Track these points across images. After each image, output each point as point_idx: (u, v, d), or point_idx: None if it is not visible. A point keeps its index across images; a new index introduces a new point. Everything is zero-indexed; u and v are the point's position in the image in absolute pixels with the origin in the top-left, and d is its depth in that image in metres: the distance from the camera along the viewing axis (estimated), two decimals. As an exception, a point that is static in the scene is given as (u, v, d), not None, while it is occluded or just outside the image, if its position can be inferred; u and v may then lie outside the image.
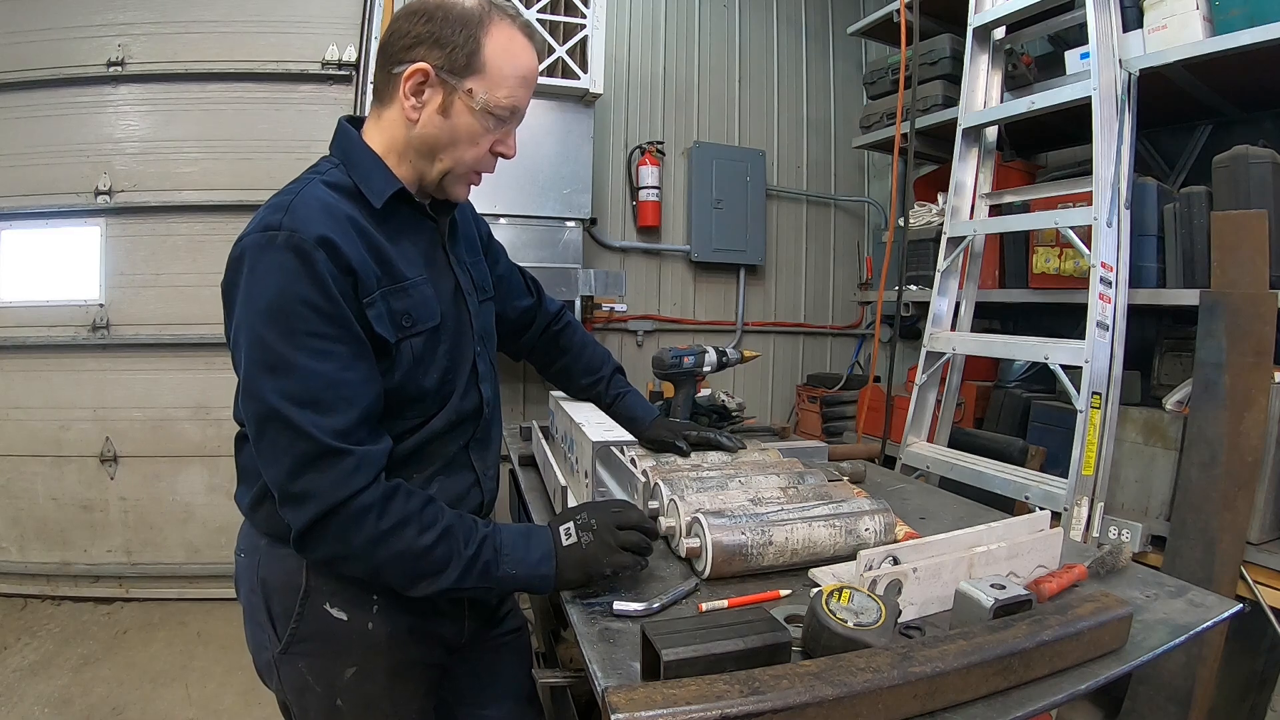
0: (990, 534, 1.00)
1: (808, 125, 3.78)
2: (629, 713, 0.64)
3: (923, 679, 0.70)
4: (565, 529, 0.97)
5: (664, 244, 3.48)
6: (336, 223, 0.91)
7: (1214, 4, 1.91)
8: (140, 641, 2.73)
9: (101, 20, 2.92)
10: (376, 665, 1.04)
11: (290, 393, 0.86)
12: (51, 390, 3.02)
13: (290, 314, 0.86)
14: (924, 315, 2.51)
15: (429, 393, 1.03)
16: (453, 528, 0.93)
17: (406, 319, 0.98)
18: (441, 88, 0.96)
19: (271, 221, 0.89)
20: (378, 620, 1.02)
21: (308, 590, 1.00)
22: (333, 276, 0.88)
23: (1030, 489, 2.01)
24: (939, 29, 2.83)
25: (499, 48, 0.96)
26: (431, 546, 0.90)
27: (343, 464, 0.87)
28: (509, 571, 0.95)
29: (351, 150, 1.01)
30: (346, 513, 0.87)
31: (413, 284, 0.99)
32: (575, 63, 2.68)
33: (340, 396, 0.88)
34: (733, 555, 1.00)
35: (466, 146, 0.99)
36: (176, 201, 2.99)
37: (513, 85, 0.98)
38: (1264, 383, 1.74)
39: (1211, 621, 0.94)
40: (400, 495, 0.91)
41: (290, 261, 0.86)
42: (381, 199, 0.98)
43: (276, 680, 1.05)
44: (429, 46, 0.94)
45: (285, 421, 0.86)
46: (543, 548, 0.96)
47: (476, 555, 0.93)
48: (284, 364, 0.86)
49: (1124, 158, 1.99)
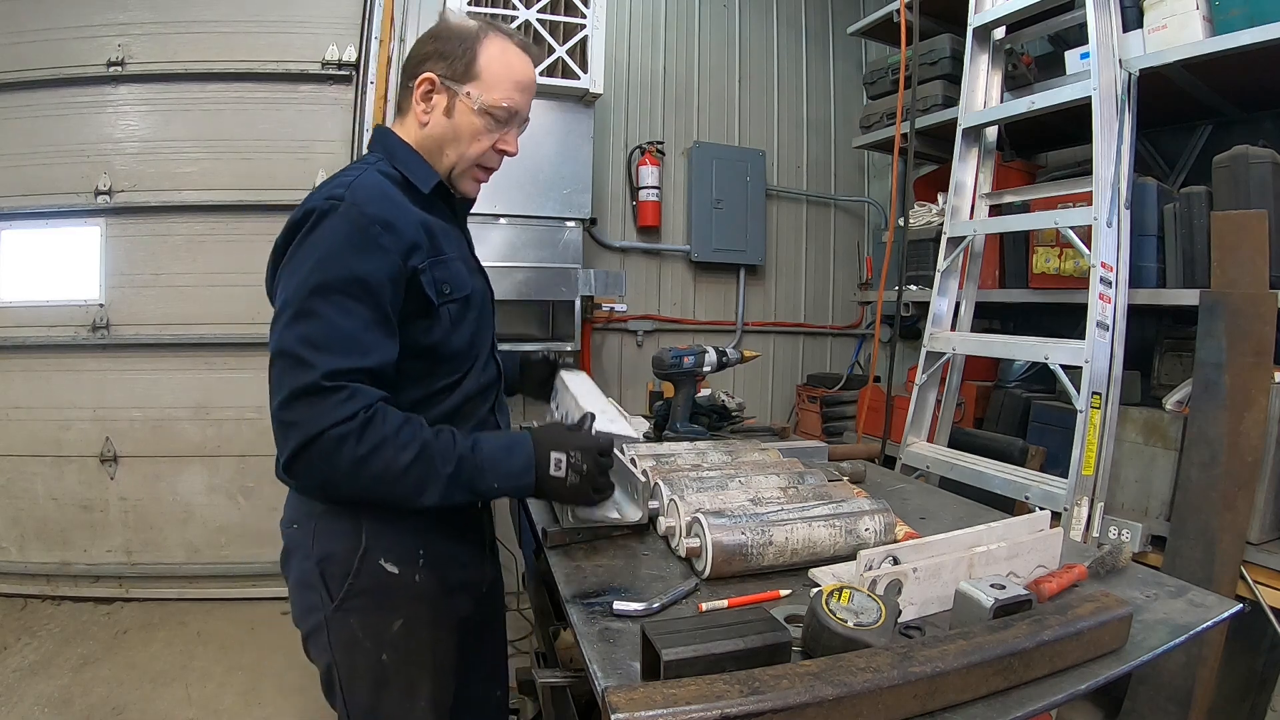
0: (990, 534, 1.00)
1: (808, 125, 3.78)
2: (629, 713, 0.64)
3: (923, 679, 0.70)
4: (556, 459, 1.05)
5: (664, 244, 3.48)
6: (393, 204, 1.05)
7: (1214, 4, 1.91)
8: (140, 641, 2.73)
9: (101, 20, 2.92)
10: (420, 618, 1.14)
11: (307, 336, 0.96)
12: (51, 390, 3.02)
13: (330, 275, 0.98)
14: (924, 315, 2.51)
15: (461, 352, 1.16)
16: (429, 446, 1.00)
17: (446, 286, 1.12)
18: (445, 93, 1.13)
19: (336, 194, 1.02)
20: (424, 573, 1.13)
21: (366, 547, 1.09)
22: (382, 249, 1.00)
23: (1030, 489, 2.01)
24: (939, 29, 2.83)
25: (492, 57, 1.12)
26: (409, 466, 0.98)
27: (332, 398, 0.95)
28: (492, 484, 1.04)
29: (394, 148, 1.16)
30: (328, 439, 0.94)
31: (450, 259, 1.14)
32: (575, 63, 2.68)
33: (351, 348, 0.98)
34: (733, 555, 1.00)
35: (469, 142, 1.14)
36: (176, 201, 2.98)
37: (507, 88, 1.13)
38: (1264, 383, 1.74)
39: (1211, 621, 0.94)
40: (377, 419, 0.97)
41: (345, 229, 0.99)
42: (429, 185, 1.15)
43: (325, 640, 1.11)
44: (435, 60, 1.12)
45: (295, 358, 0.96)
46: (524, 458, 1.06)
47: (457, 473, 1.01)
48: (311, 313, 0.97)
49: (1124, 158, 1.99)
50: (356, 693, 1.12)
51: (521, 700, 2.22)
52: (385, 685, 1.11)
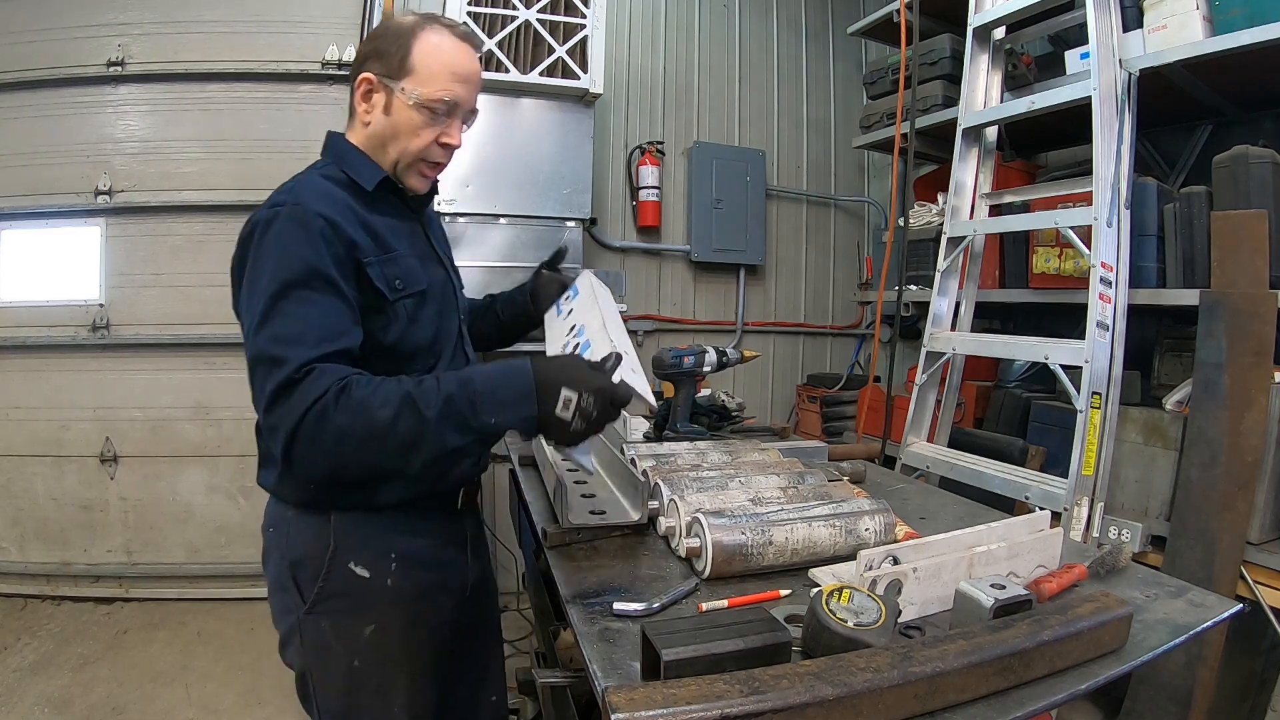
0: (990, 534, 1.00)
1: (808, 125, 3.78)
2: (629, 713, 0.64)
3: (923, 679, 0.70)
4: (566, 398, 0.96)
5: (664, 244, 3.48)
6: (334, 203, 1.06)
7: (1214, 4, 1.91)
8: (140, 641, 2.73)
9: (101, 20, 2.92)
10: (394, 622, 1.12)
11: (275, 335, 0.96)
12: (51, 390, 3.02)
13: (287, 273, 0.98)
14: (924, 315, 2.51)
15: (423, 348, 1.16)
16: (410, 395, 0.94)
17: (399, 282, 1.11)
18: (383, 90, 1.12)
19: (277, 200, 1.04)
20: (396, 576, 1.12)
21: (335, 550, 1.09)
22: (327, 241, 1.01)
23: (1030, 489, 2.01)
24: (939, 29, 2.83)
25: (426, 51, 1.11)
26: (393, 420, 0.93)
27: (305, 385, 0.94)
28: (487, 419, 0.96)
29: (342, 151, 1.17)
30: (308, 422, 0.92)
31: (400, 254, 1.14)
32: (575, 63, 2.68)
33: (321, 337, 0.98)
34: (733, 555, 1.00)
35: (409, 138, 1.13)
36: (176, 201, 2.99)
37: (443, 80, 1.11)
38: (1264, 383, 1.74)
39: (1211, 621, 0.94)
40: (352, 385, 0.95)
41: (292, 228, 1.00)
42: (373, 183, 1.14)
43: (298, 643, 1.11)
44: (372, 59, 1.12)
45: (268, 359, 0.95)
46: (522, 384, 0.97)
47: (446, 412, 0.94)
48: (276, 314, 0.97)
49: (1124, 158, 1.99)
50: (328, 697, 1.12)
51: (521, 700, 2.22)
52: (358, 690, 1.11)
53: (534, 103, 2.75)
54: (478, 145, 2.66)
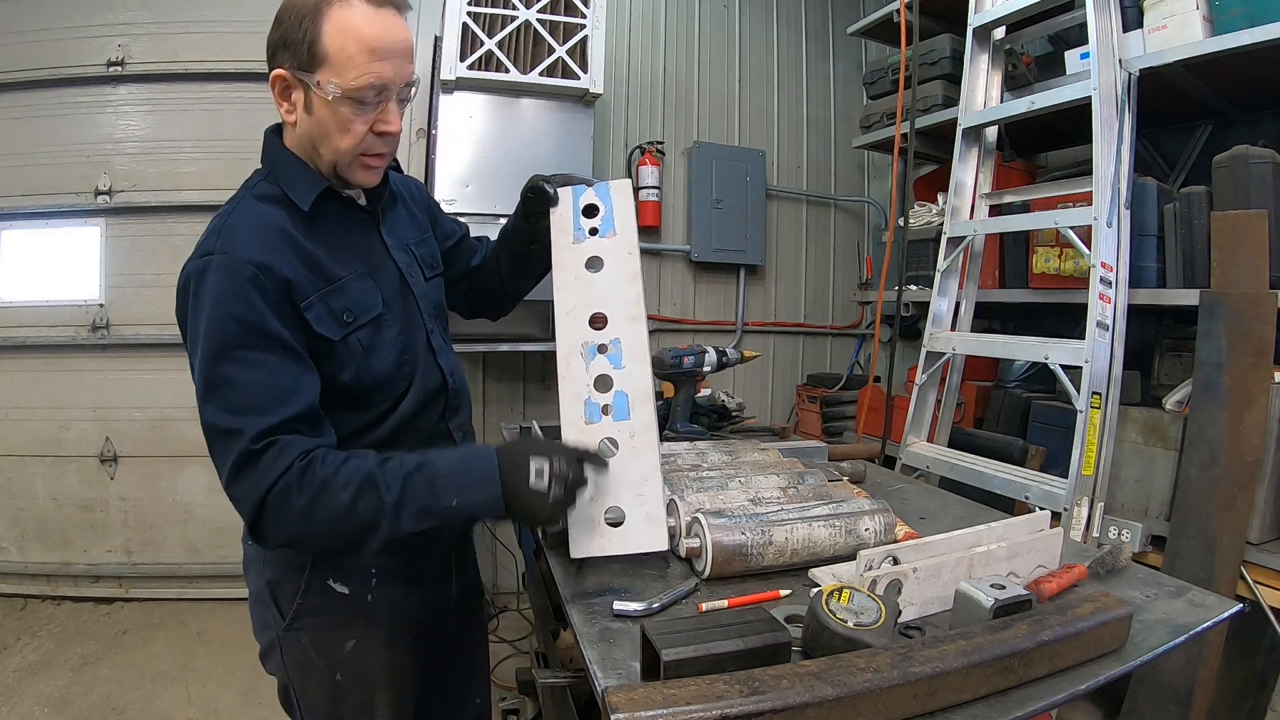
0: (990, 534, 1.00)
1: (808, 125, 3.77)
2: (629, 713, 0.64)
3: (923, 679, 0.70)
4: (537, 468, 0.89)
5: (664, 244, 3.48)
6: (268, 238, 0.96)
7: (1214, 4, 1.91)
8: (140, 641, 2.73)
9: (101, 20, 2.92)
10: (375, 637, 1.10)
11: (224, 405, 0.91)
12: (51, 390, 3.02)
13: (224, 332, 0.91)
14: (924, 315, 2.51)
15: (389, 377, 1.07)
16: (371, 476, 0.90)
17: (348, 314, 1.01)
18: (299, 86, 0.97)
19: (206, 247, 0.95)
20: (377, 592, 1.09)
21: (313, 567, 1.06)
22: (262, 291, 0.92)
23: (1030, 489, 2.01)
24: (939, 29, 2.83)
25: (336, 31, 0.93)
26: (352, 503, 0.89)
27: (264, 458, 0.89)
28: (448, 501, 0.91)
29: (277, 159, 1.04)
30: (272, 500, 0.89)
31: (348, 281, 1.03)
32: (575, 63, 2.68)
33: (271, 401, 0.91)
34: (733, 555, 1.00)
35: (340, 135, 0.98)
36: (176, 201, 2.98)
37: (362, 63, 0.93)
38: (1264, 383, 1.74)
39: (1211, 621, 0.94)
40: (316, 464, 0.91)
41: (223, 282, 0.91)
42: (308, 202, 1.01)
43: (279, 659, 1.10)
44: (282, 50, 0.96)
45: (223, 432, 0.91)
46: (485, 467, 0.92)
47: (404, 497, 0.90)
48: (221, 381, 0.91)
49: (1124, 158, 1.99)
50: (312, 711, 1.11)
51: (521, 700, 2.22)
52: (340, 702, 1.10)
53: (534, 103, 2.75)
54: (477, 145, 2.66)
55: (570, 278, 1.14)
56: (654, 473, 1.01)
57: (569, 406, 1.04)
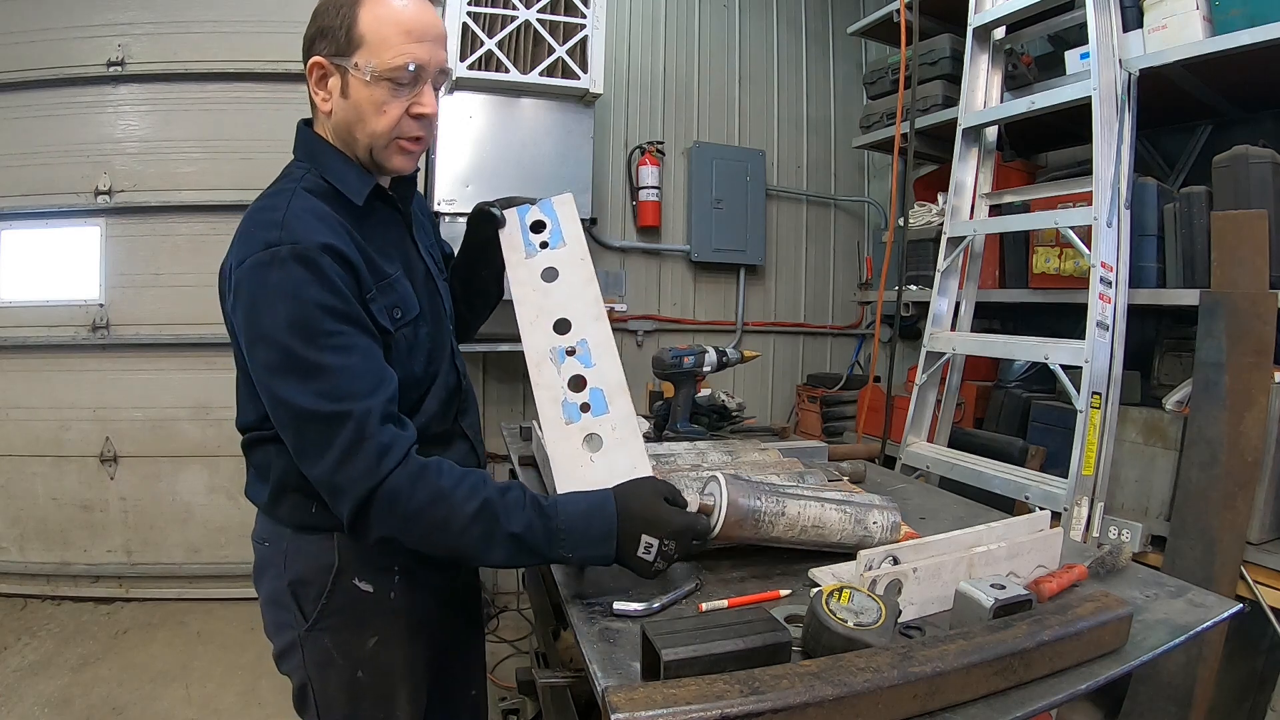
0: (990, 534, 1.00)
1: (808, 125, 3.78)
2: (629, 713, 0.64)
3: (923, 679, 0.70)
4: (647, 544, 0.92)
5: (664, 244, 3.48)
6: (330, 228, 0.96)
7: (1214, 4, 1.91)
8: (140, 641, 2.73)
9: (101, 20, 2.92)
10: (396, 633, 1.11)
11: (324, 391, 0.90)
12: (51, 390, 3.02)
13: (310, 321, 0.91)
14: (924, 315, 2.51)
15: (419, 377, 1.09)
16: (491, 503, 0.91)
17: (396, 311, 1.04)
18: (337, 72, 1.00)
19: (268, 239, 0.93)
20: (399, 589, 1.10)
21: (340, 568, 1.06)
22: (340, 278, 0.93)
23: (1030, 489, 2.01)
24: (939, 29, 2.83)
25: (373, 16, 0.97)
26: (468, 523, 0.90)
27: (371, 451, 0.90)
28: (565, 553, 0.93)
29: (319, 153, 1.06)
30: (384, 493, 0.90)
31: (395, 279, 1.05)
32: (575, 63, 2.68)
33: (370, 384, 0.93)
34: (745, 517, 0.98)
35: (376, 117, 1.00)
36: (176, 201, 2.99)
37: (398, 44, 0.97)
38: (1264, 383, 1.74)
39: (1211, 621, 0.94)
40: (431, 469, 0.92)
41: (300, 272, 0.91)
42: (362, 196, 1.03)
43: (299, 658, 1.09)
44: (319, 40, 1.00)
45: (325, 418, 0.90)
46: (604, 526, 0.93)
47: (526, 535, 0.91)
48: (314, 368, 0.90)
49: (1124, 158, 1.99)
50: (332, 709, 1.11)
51: (521, 700, 2.22)
52: (360, 700, 1.10)
53: (534, 103, 2.75)
54: (478, 145, 2.67)
55: (528, 290, 1.18)
56: (641, 459, 1.05)
57: (547, 410, 1.08)
